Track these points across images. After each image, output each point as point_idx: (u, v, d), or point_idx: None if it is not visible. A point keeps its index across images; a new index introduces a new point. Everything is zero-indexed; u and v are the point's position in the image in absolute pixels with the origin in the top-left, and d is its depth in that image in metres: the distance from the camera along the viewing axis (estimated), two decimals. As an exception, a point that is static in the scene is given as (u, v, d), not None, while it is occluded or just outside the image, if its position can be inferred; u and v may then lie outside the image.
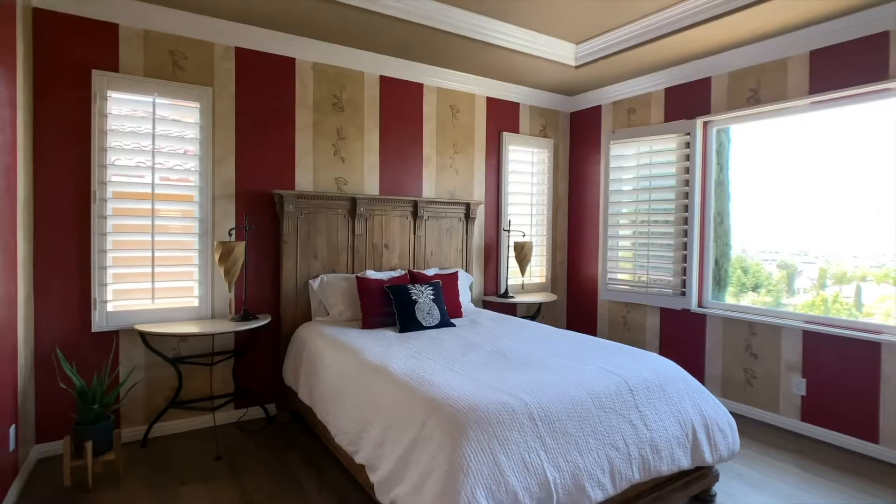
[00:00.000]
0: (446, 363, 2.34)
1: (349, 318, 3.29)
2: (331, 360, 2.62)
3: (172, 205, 3.09)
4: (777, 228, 3.57)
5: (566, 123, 4.86)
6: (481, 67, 3.92)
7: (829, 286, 3.33)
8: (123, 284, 2.92)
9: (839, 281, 3.27)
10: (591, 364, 2.35)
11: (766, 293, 3.65)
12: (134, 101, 2.90)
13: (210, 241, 3.11)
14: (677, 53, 3.57)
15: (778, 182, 3.54)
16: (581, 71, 3.99)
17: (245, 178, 3.24)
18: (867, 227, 3.10)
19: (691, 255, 3.79)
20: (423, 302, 3.16)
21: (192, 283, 3.09)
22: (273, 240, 3.36)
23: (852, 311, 3.19)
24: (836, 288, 3.28)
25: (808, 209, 3.39)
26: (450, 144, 4.13)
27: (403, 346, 2.67)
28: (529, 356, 2.47)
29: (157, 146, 2.93)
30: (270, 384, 3.36)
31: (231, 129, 3.19)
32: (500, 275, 4.44)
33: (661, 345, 4.07)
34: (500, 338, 2.86)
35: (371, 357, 2.43)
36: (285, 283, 3.30)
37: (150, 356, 2.96)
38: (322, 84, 3.51)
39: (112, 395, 2.49)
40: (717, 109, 3.65)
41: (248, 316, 3.05)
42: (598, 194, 4.59)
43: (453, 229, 4.05)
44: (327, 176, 3.56)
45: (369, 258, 3.64)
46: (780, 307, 3.51)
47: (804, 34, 3.11)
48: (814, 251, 3.41)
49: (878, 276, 3.10)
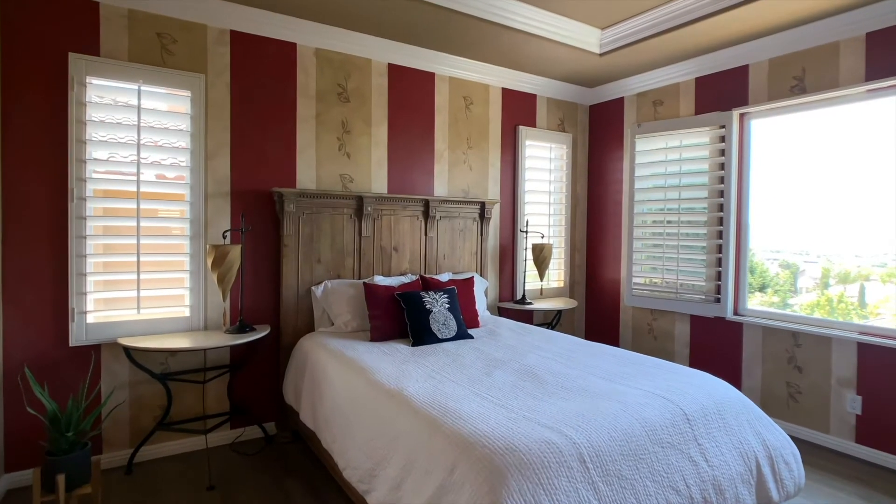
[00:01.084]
0: (470, 386, 2.04)
1: (355, 328, 2.99)
2: (337, 380, 2.32)
3: (160, 204, 2.79)
4: (780, 227, 3.43)
5: (585, 117, 4.56)
6: (497, 55, 3.61)
7: (832, 286, 3.24)
8: (105, 293, 2.62)
9: (842, 280, 3.18)
10: (636, 386, 2.05)
11: (772, 293, 3.51)
12: (116, 88, 2.60)
13: (202, 244, 2.81)
14: (711, 39, 3.27)
15: (783, 179, 3.38)
16: (605, 59, 3.68)
17: (241, 174, 2.94)
18: (869, 225, 3.00)
19: (727, 258, 3.49)
20: (437, 311, 2.86)
21: (182, 290, 2.80)
22: (272, 242, 3.06)
23: (857, 311, 3.11)
24: (839, 288, 3.21)
25: (809, 207, 3.28)
26: (463, 139, 3.83)
27: (418, 363, 2.37)
28: (563, 376, 2.17)
29: (142, 139, 2.63)
30: (269, 401, 3.06)
31: (226, 120, 2.89)
32: (516, 279, 4.14)
33: (691, 355, 3.77)
34: (526, 353, 2.56)
35: (383, 378, 2.13)
36: (285, 291, 3.00)
37: (135, 372, 2.67)
38: (326, 72, 3.21)
39: (89, 420, 2.19)
40: (756, 100, 3.35)
41: (245, 327, 2.75)
42: (620, 192, 4.28)
43: (467, 230, 3.75)
44: (331, 172, 3.26)
45: (377, 262, 3.34)
46: (787, 308, 3.38)
47: (859, 14, 2.81)
48: (815, 250, 3.33)
49: (882, 276, 3.00)
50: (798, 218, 3.34)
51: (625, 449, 1.63)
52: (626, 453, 1.62)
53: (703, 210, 3.63)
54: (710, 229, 3.58)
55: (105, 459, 2.59)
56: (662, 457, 1.70)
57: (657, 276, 3.93)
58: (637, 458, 1.63)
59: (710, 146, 3.58)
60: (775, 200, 3.41)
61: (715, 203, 3.55)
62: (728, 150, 3.47)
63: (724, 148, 3.50)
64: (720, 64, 3.53)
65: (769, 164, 3.42)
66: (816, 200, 3.25)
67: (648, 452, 1.67)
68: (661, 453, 1.70)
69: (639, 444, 1.67)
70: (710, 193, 3.59)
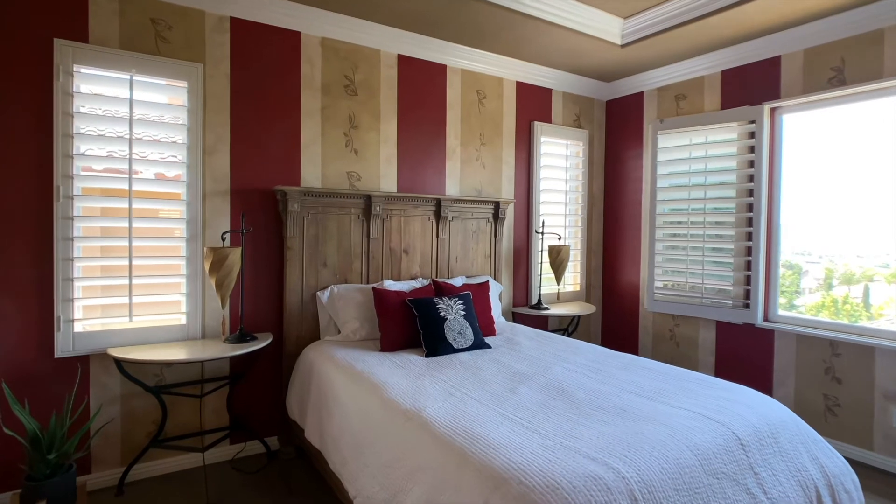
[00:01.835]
0: (495, 405, 1.84)
1: (364, 336, 2.79)
2: (346, 396, 2.12)
3: (155, 203, 2.59)
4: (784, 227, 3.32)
5: (601, 113, 4.35)
6: (513, 46, 3.41)
7: (835, 286, 3.17)
8: (94, 299, 2.42)
9: (846, 281, 3.13)
10: (680, 405, 1.85)
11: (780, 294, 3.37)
12: (107, 77, 2.40)
13: (200, 246, 2.61)
14: (740, 29, 3.07)
15: (804, 177, 3.23)
16: (626, 51, 3.48)
17: (241, 171, 2.74)
18: (872, 224, 2.94)
19: (756, 261, 3.28)
20: (452, 319, 2.66)
21: (178, 296, 2.60)
22: (274, 245, 2.86)
23: (862, 312, 3.05)
24: (844, 288, 3.14)
25: (813, 207, 3.19)
26: (476, 135, 3.63)
27: (435, 377, 2.16)
28: (597, 393, 1.97)
29: (135, 133, 2.43)
30: (271, 414, 2.87)
31: (225, 113, 2.69)
32: (530, 283, 3.94)
33: (716, 364, 3.56)
34: (551, 365, 2.36)
35: (398, 396, 1.92)
36: (289, 296, 2.80)
37: (127, 385, 2.47)
38: (332, 63, 3.01)
39: (74, 441, 1.99)
40: (790, 93, 3.14)
41: (246, 336, 2.55)
42: (639, 192, 4.08)
43: (480, 231, 3.55)
44: (338, 170, 3.06)
45: (386, 266, 3.13)
46: (793, 309, 3.29)
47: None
48: (816, 251, 3.26)
49: (887, 277, 2.95)
50: (802, 218, 3.24)
51: (678, 482, 1.42)
52: (680, 487, 1.42)
53: (730, 210, 3.42)
54: (739, 230, 3.38)
55: (93, 480, 2.39)
56: (718, 489, 1.50)
57: (681, 280, 3.73)
58: (692, 492, 1.43)
59: (739, 142, 3.37)
60: (799, 199, 3.24)
61: (743, 203, 3.35)
62: (758, 146, 3.26)
63: (753, 144, 3.30)
64: (749, 55, 3.33)
65: (792, 161, 3.24)
66: (821, 199, 3.15)
67: (703, 485, 1.47)
68: (717, 485, 1.50)
69: (693, 476, 1.47)
70: (738, 192, 3.39)
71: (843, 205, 3.06)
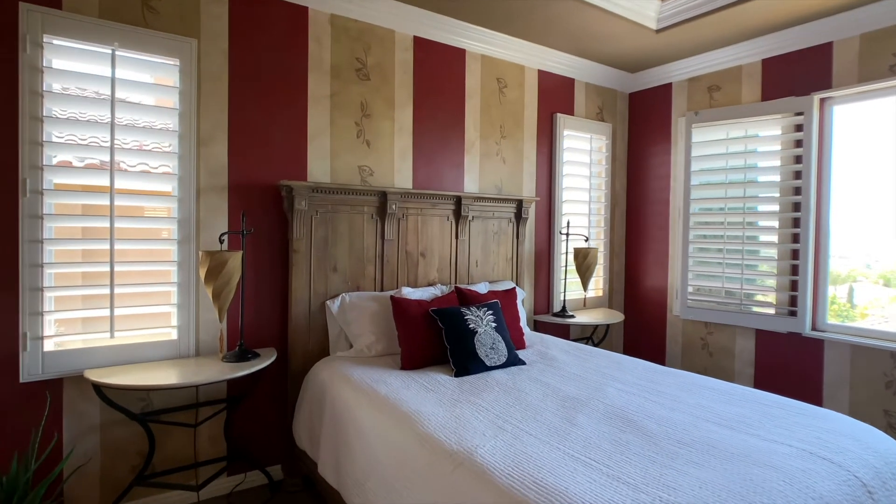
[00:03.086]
0: (558, 442, 1.53)
1: (380, 352, 2.47)
2: (371, 428, 1.79)
3: (140, 200, 2.23)
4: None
5: (624, 106, 4.08)
6: (540, 29, 3.11)
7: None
8: (68, 313, 2.07)
9: (833, 282, 3.07)
10: (774, 439, 1.56)
11: None
12: (84, 51, 2.05)
13: (193, 249, 2.26)
14: (787, 13, 2.82)
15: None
16: (660, 37, 3.20)
17: (241, 164, 2.40)
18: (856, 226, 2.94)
19: (804, 265, 3.02)
20: (483, 332, 2.34)
21: (168, 307, 2.25)
22: (278, 248, 2.52)
23: (849, 312, 3.06)
24: (831, 289, 3.08)
25: (861, 205, 2.98)
26: (496, 127, 3.32)
27: (473, 403, 1.85)
28: (670, 423, 1.67)
29: (117, 117, 2.08)
30: (275, 439, 2.52)
31: (223, 97, 2.35)
32: (552, 288, 3.64)
33: (756, 376, 3.30)
34: (602, 386, 2.05)
35: (438, 430, 1.60)
36: (295, 306, 2.46)
37: (107, 412, 2.11)
38: (342, 43, 2.68)
39: (41, 489, 1.64)
40: (843, 82, 2.89)
41: (247, 353, 2.21)
42: (667, 189, 3.81)
43: (502, 233, 3.24)
44: (348, 163, 2.73)
45: (402, 271, 2.81)
46: None
47: (984, -23, 2.36)
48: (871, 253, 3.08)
49: (870, 277, 2.99)
50: (848, 217, 3.00)
51: (814, 550, 1.13)
52: (817, 557, 1.12)
53: (773, 211, 3.16)
54: (783, 231, 3.11)
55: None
56: (854, 554, 1.20)
57: (716, 285, 3.46)
58: (830, 562, 1.14)
59: (784, 136, 3.11)
60: (846, 197, 2.98)
61: (789, 202, 3.09)
62: (807, 139, 3.00)
63: (800, 138, 3.03)
64: (794, 43, 3.07)
65: (842, 156, 2.98)
66: (869, 196, 2.93)
67: (839, 551, 1.18)
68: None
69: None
70: (782, 191, 3.12)
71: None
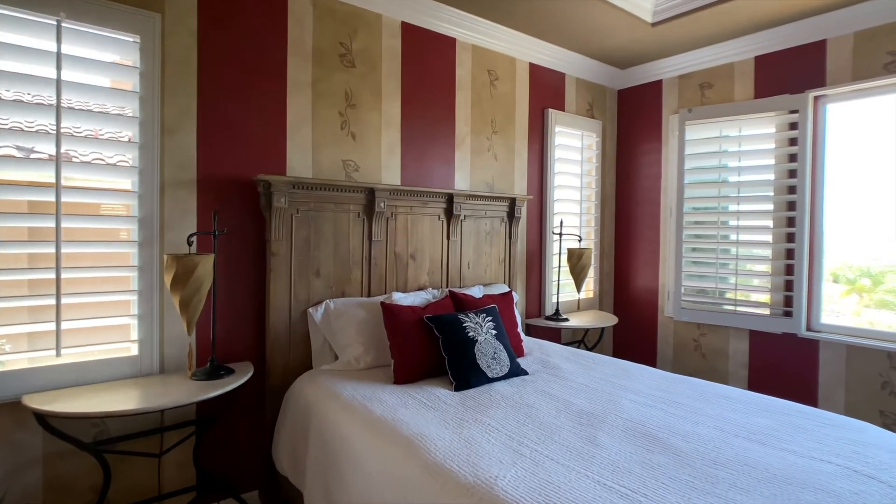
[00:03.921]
0: (583, 467, 1.36)
1: (370, 364, 2.25)
2: (367, 455, 1.58)
3: (94, 196, 1.95)
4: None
5: (613, 103, 3.98)
6: (530, 19, 2.96)
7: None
8: (12, 327, 1.76)
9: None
10: (811, 455, 1.44)
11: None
12: (23, 20, 1.75)
13: (157, 253, 1.99)
14: (780, 10, 2.78)
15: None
16: (655, 31, 3.10)
17: (212, 156, 2.14)
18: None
19: (800, 264, 2.98)
20: (484, 341, 2.16)
21: (127, 319, 1.97)
22: (255, 250, 2.27)
23: None
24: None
25: (855, 204, 2.99)
26: (487, 121, 3.15)
27: (482, 423, 1.66)
28: (697, 440, 1.53)
29: (64, 100, 1.80)
30: (251, 463, 2.27)
31: (191, 80, 2.08)
32: (543, 290, 3.50)
33: (750, 377, 3.25)
34: (615, 398, 1.91)
35: (447, 458, 1.41)
36: (273, 315, 2.22)
37: (53, 443, 1.82)
38: (326, 26, 2.45)
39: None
40: (837, 80, 2.86)
41: (219, 369, 1.96)
42: (656, 189, 3.73)
43: (494, 233, 3.07)
44: (332, 157, 2.50)
45: (391, 274, 2.60)
46: None
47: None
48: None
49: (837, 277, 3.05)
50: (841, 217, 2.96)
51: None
52: None
53: (767, 210, 3.11)
54: (777, 231, 3.07)
55: (5, 577, 1.73)
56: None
57: (709, 286, 3.39)
58: None
59: (778, 135, 3.07)
60: (839, 196, 2.96)
61: (783, 201, 3.04)
62: (802, 138, 2.96)
63: (794, 136, 2.99)
64: (787, 40, 3.03)
65: (836, 155, 2.97)
66: (861, 195, 2.85)
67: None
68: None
69: (899, 577, 1.04)
70: (776, 190, 3.08)
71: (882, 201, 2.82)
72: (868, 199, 2.89)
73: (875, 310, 3.01)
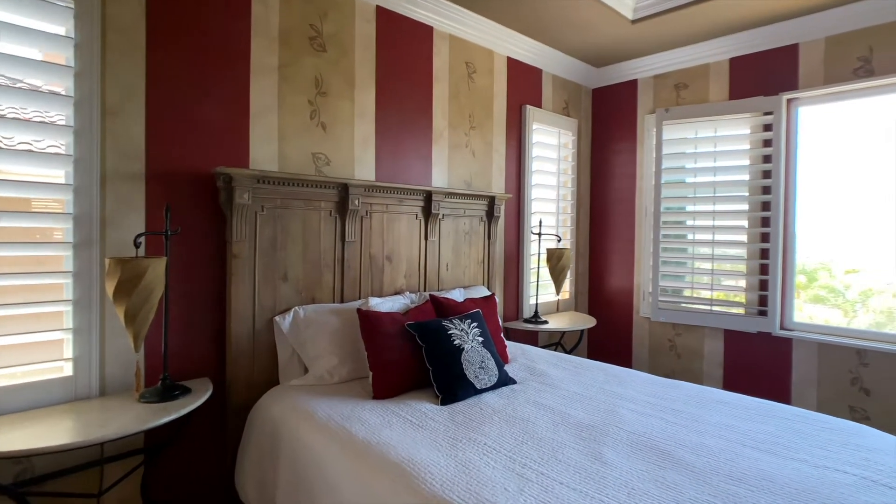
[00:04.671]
0: (595, 489, 1.23)
1: (345, 377, 2.05)
2: (351, 487, 1.39)
3: (18, 191, 1.65)
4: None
5: (588, 102, 3.94)
6: (510, 10, 2.83)
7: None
8: None
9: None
10: (825, 465, 1.38)
11: None
12: (-77, -23, 1.45)
13: (97, 256, 1.72)
14: (755, 12, 2.80)
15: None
16: (634, 28, 3.06)
17: (163, 144, 1.88)
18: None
19: (774, 264, 3.01)
20: (470, 349, 2.01)
21: (59, 333, 1.68)
22: (213, 252, 2.02)
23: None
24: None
25: (827, 206, 3.05)
26: (465, 116, 3.00)
27: (477, 443, 1.51)
28: (706, 452, 1.44)
29: (-22, 73, 1.50)
30: (210, 494, 2.02)
31: (138, 55, 1.81)
32: (521, 292, 3.39)
33: (725, 377, 3.26)
34: (611, 407, 1.80)
35: (445, 489, 1.24)
36: (235, 325, 1.98)
37: (-34, 483, 1.51)
38: (293, 5, 2.23)
39: None
40: (809, 83, 2.90)
41: (173, 389, 1.71)
42: (632, 189, 3.71)
43: (473, 232, 2.93)
44: (300, 149, 2.28)
45: (366, 278, 2.40)
46: None
47: (946, -17, 2.42)
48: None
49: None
50: (812, 217, 3.01)
51: None
52: None
53: (742, 210, 3.13)
54: (752, 231, 3.09)
55: None
56: None
57: (684, 286, 3.39)
58: None
59: (752, 136, 3.09)
60: (812, 197, 3.02)
61: (756, 201, 3.07)
62: (776, 139, 2.99)
63: (769, 138, 3.02)
64: (762, 42, 3.05)
65: (807, 157, 3.02)
66: (833, 197, 2.95)
67: None
68: None
69: None
70: (751, 190, 3.10)
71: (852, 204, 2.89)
72: (834, 199, 2.95)
73: (811, 305, 3.10)
